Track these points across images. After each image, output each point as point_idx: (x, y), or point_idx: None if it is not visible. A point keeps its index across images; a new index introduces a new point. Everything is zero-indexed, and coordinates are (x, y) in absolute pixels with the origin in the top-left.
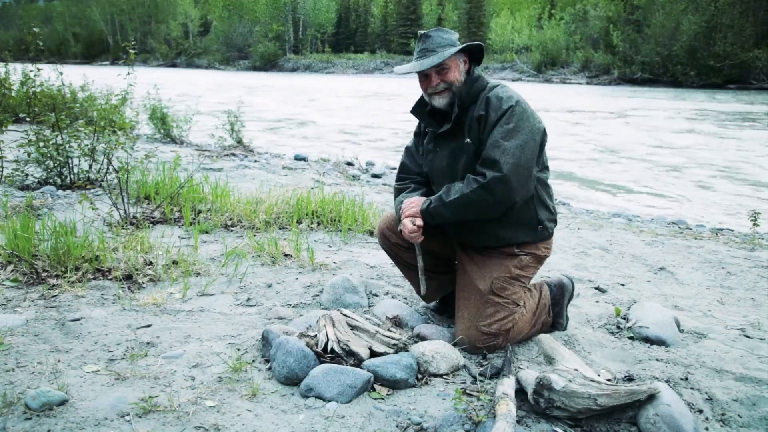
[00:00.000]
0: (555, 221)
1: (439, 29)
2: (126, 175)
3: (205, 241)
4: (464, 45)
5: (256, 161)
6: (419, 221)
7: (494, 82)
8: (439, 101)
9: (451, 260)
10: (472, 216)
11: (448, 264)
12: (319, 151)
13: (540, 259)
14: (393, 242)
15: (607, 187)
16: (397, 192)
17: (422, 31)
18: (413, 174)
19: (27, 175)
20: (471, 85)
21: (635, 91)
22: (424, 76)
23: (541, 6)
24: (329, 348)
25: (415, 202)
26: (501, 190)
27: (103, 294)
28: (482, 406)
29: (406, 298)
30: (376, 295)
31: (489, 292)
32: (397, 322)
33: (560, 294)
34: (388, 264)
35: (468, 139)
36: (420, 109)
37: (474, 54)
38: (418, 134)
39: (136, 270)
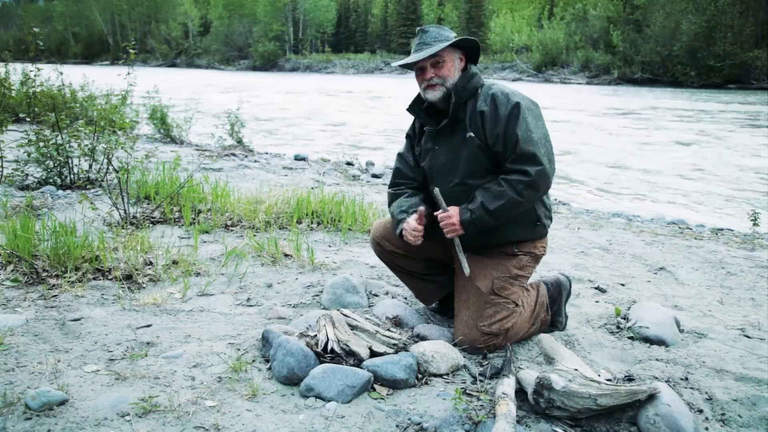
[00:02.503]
0: (551, 219)
1: (437, 26)
2: (126, 175)
3: (205, 241)
4: (459, 39)
5: (256, 161)
6: (418, 227)
7: (491, 81)
8: (433, 95)
9: (444, 263)
10: (509, 216)
11: (442, 267)
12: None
13: (537, 258)
14: (388, 250)
15: (606, 187)
16: (393, 197)
17: (420, 27)
18: (409, 179)
19: (27, 175)
20: (468, 80)
21: (635, 90)
22: (419, 70)
23: (541, 6)
24: (329, 348)
25: (453, 216)
26: (544, 183)
27: (103, 294)
28: (482, 406)
29: (406, 298)
30: (376, 295)
31: (490, 293)
32: (397, 322)
33: (558, 292)
34: None
35: (471, 133)
36: (416, 106)
37: (470, 53)
38: (411, 136)
39: (136, 270)
